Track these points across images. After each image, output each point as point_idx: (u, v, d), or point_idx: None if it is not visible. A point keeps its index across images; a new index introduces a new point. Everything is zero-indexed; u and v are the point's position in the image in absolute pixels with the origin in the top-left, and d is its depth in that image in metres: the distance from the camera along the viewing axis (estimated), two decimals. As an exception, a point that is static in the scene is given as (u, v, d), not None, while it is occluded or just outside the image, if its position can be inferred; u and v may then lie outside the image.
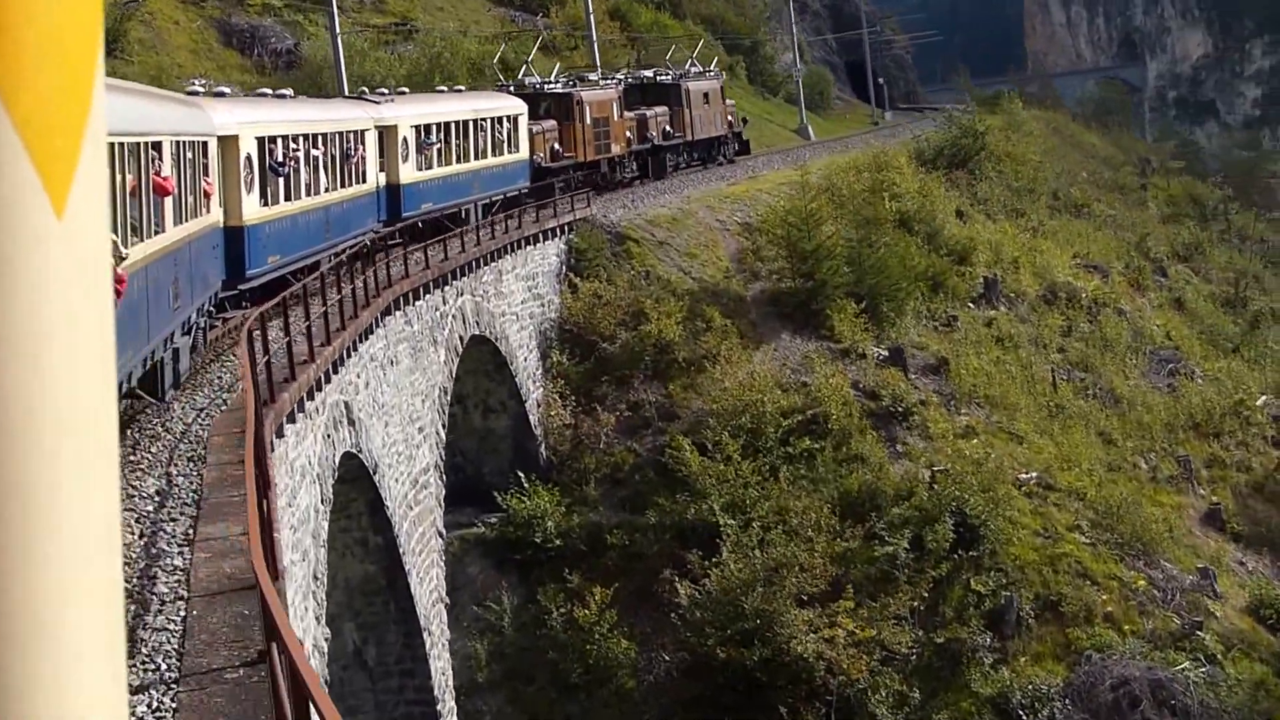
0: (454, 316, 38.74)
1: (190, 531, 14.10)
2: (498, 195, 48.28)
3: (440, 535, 35.67)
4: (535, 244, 47.10)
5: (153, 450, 17.84)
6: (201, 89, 31.42)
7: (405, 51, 69.24)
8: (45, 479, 1.70)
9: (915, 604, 41.25)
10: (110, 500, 1.80)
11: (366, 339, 29.63)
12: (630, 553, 43.07)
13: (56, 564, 1.70)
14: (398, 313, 33.39)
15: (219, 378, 23.03)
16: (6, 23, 1.66)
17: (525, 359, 45.57)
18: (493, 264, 42.79)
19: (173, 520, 14.69)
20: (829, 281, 51.26)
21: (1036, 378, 54.21)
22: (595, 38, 68.75)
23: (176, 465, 17.02)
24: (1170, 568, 44.98)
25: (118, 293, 15.61)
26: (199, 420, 19.61)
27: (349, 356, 27.50)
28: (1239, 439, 55.76)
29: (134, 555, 13.42)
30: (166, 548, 13.68)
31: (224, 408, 20.36)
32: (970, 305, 57.33)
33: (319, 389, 23.79)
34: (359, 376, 28.78)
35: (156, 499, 15.49)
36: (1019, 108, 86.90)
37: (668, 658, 40.97)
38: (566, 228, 49.99)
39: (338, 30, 49.94)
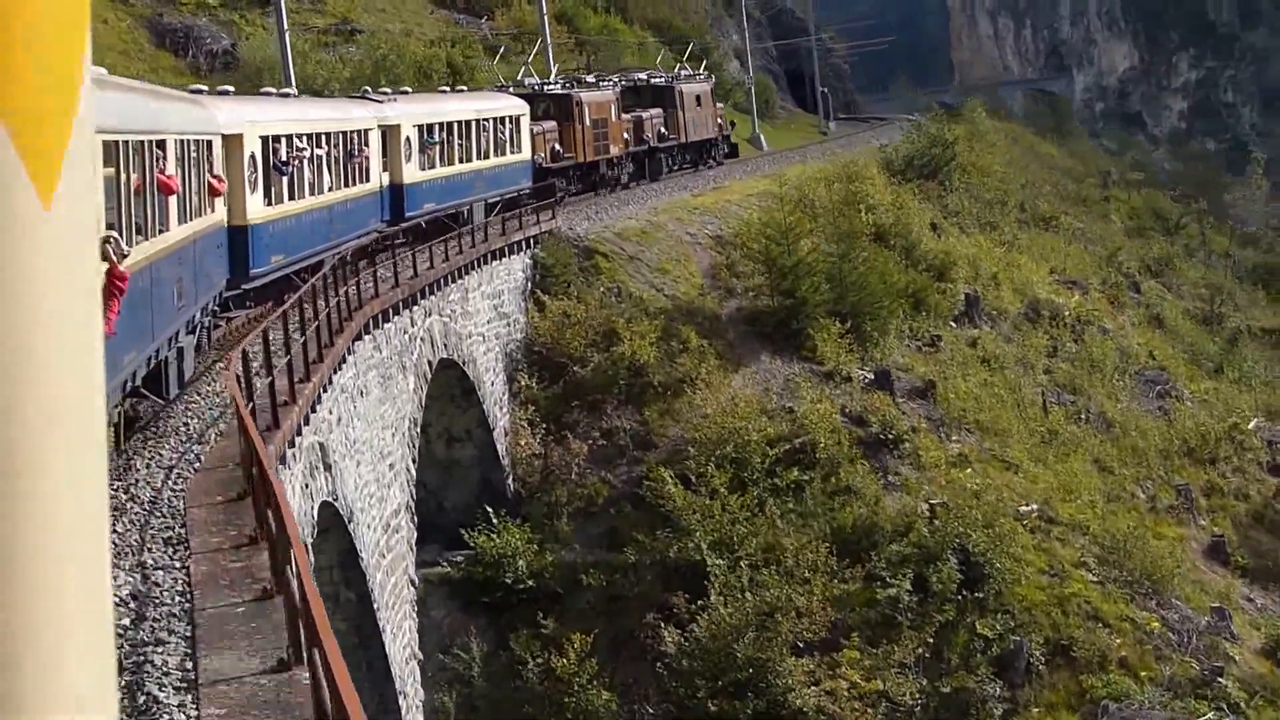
0: (422, 339, 35.21)
1: (187, 663, 9.95)
2: (502, 195, 47.60)
3: (412, 584, 32.08)
4: (500, 259, 43.59)
5: (118, 529, 13.68)
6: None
7: (347, 53, 65.68)
8: (32, 468, 1.66)
9: (919, 650, 38.07)
10: (98, 490, 1.77)
11: (339, 368, 26.15)
12: (609, 595, 39.62)
13: (44, 554, 1.66)
14: (366, 337, 29.89)
15: (185, 424, 19.24)
16: None
17: (492, 383, 42.02)
18: (459, 281, 39.31)
19: (160, 644, 10.53)
20: (809, 299, 48.00)
21: (1026, 401, 51.21)
22: (550, 41, 65.32)
23: (151, 552, 12.99)
24: (1183, 607, 42.05)
25: (120, 290, 14.92)
26: (169, 484, 15.63)
27: (324, 391, 23.96)
28: (1235, 465, 53.07)
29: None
30: (159, 693, 9.54)
31: (197, 466, 16.56)
32: (953, 324, 54.26)
33: (299, 433, 20.23)
34: (331, 412, 25.23)
35: (132, 607, 11.39)
36: (982, 117, 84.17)
37: (652, 710, 37.64)
38: (531, 241, 46.51)
39: (285, 28, 46.26)
